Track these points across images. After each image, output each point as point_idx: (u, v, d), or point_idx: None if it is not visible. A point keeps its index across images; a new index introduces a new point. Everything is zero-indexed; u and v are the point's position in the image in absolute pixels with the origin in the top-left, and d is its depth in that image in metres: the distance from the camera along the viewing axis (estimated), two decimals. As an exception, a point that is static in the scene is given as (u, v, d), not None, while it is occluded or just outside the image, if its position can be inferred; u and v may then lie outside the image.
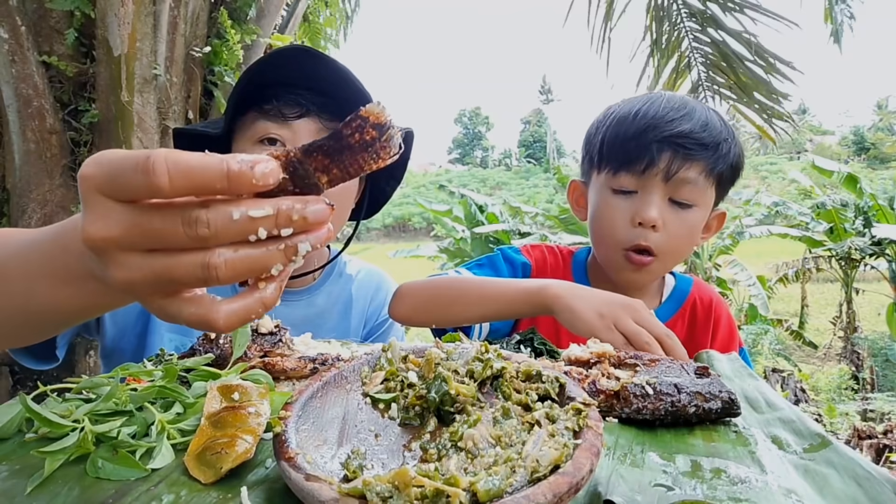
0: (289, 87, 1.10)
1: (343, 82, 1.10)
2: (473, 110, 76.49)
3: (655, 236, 1.13)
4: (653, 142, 1.11)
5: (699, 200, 1.16)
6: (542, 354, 0.85)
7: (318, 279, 1.34)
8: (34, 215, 2.37)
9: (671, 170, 1.12)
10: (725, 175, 1.18)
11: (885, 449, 5.52)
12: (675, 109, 1.15)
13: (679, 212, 1.15)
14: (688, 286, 1.33)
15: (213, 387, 0.61)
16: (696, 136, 1.12)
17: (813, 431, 0.64)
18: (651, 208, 1.12)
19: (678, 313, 1.29)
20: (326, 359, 0.77)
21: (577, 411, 0.52)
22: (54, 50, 2.34)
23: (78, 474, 0.52)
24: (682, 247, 1.19)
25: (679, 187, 1.13)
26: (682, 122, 1.13)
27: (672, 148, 1.11)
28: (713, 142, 1.13)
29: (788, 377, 8.23)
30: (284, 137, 1.10)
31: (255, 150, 1.10)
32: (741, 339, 1.34)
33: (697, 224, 1.19)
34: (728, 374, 0.84)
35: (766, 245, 12.68)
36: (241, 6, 2.65)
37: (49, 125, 2.34)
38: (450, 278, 1.18)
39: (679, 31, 3.69)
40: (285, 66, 1.10)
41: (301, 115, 1.10)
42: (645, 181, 1.13)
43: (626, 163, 1.14)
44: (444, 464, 0.47)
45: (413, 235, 38.48)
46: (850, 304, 11.85)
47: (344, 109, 1.13)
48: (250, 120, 1.12)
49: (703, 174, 1.14)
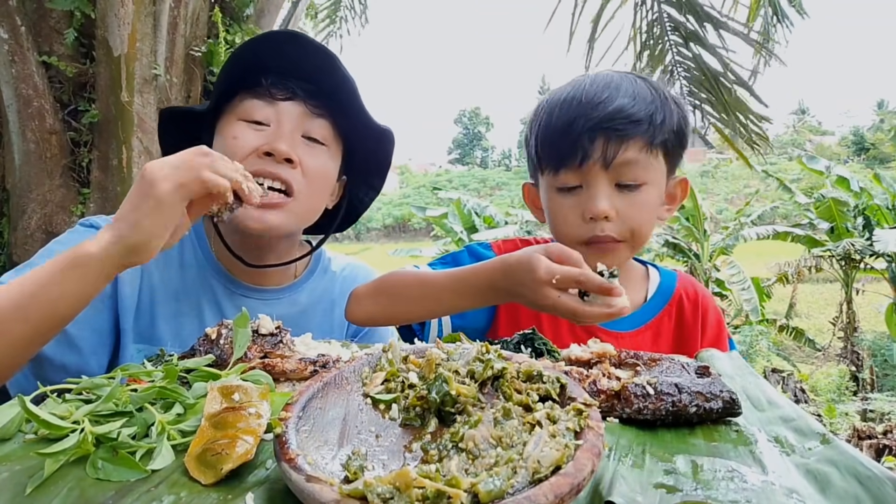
0: (278, 73, 1.12)
1: (333, 71, 1.11)
2: (473, 110, 76.53)
3: (611, 226, 1.09)
4: (583, 132, 1.06)
5: (647, 177, 1.10)
6: (542, 354, 0.85)
7: (301, 276, 1.30)
8: (34, 215, 2.37)
9: (608, 156, 1.06)
10: (671, 142, 1.12)
11: (885, 449, 5.52)
12: (599, 90, 1.09)
13: (629, 195, 1.09)
14: (672, 281, 1.29)
15: (214, 387, 0.61)
16: (626, 114, 1.05)
17: (814, 430, 0.64)
18: (598, 201, 1.07)
19: (665, 310, 1.25)
20: (327, 361, 0.77)
21: (578, 412, 0.52)
22: (54, 50, 2.34)
23: (78, 475, 0.52)
24: (643, 227, 1.13)
25: (622, 171, 1.07)
26: (608, 103, 1.06)
27: (604, 133, 1.05)
28: (646, 114, 1.07)
29: (788, 377, 8.23)
30: (269, 117, 1.11)
31: (238, 125, 1.11)
32: (728, 332, 1.32)
33: (652, 201, 1.13)
34: (729, 373, 0.83)
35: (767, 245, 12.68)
36: (239, 5, 2.65)
37: (49, 125, 2.34)
38: (400, 274, 1.12)
39: (663, 43, 3.67)
40: (276, 49, 1.11)
41: (288, 98, 1.11)
42: (585, 174, 1.08)
43: (562, 159, 1.09)
44: (445, 465, 0.47)
45: (413, 236, 38.46)
46: (850, 305, 11.85)
47: (331, 97, 1.13)
48: (238, 99, 1.13)
49: (643, 151, 1.07)
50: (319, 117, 1.14)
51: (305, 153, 1.12)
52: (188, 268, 1.19)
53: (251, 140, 1.09)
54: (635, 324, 1.23)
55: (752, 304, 10.89)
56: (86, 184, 2.43)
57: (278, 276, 1.25)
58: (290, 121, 1.11)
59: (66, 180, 2.41)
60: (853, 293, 11.82)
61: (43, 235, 2.38)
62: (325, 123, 1.15)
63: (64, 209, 2.40)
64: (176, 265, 1.18)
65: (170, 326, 1.15)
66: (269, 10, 2.82)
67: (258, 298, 1.22)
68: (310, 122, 1.13)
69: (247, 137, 1.10)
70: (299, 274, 1.31)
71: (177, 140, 1.20)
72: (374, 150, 1.26)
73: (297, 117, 1.12)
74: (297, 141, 1.12)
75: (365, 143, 1.23)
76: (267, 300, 1.23)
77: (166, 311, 1.15)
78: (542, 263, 0.83)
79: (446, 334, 1.15)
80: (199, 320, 1.17)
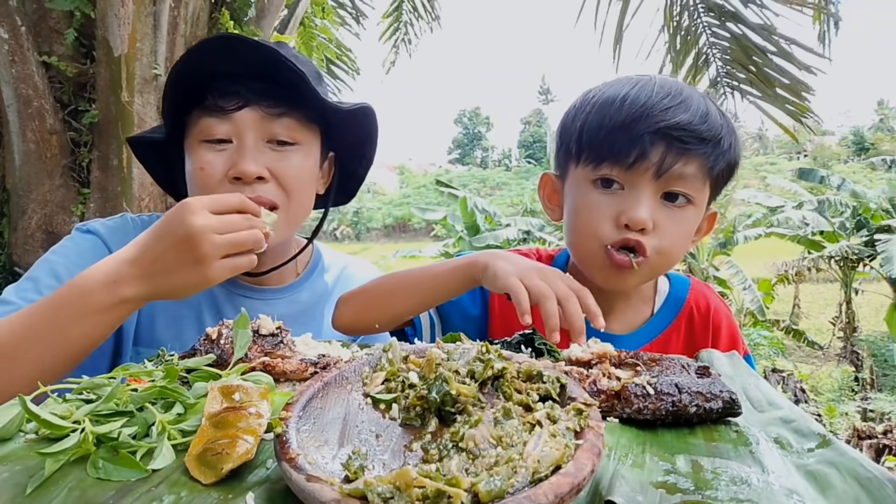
0: (224, 79, 1.06)
1: (274, 64, 1.05)
2: (473, 110, 76.48)
3: (645, 239, 0.99)
4: (644, 133, 0.97)
5: (695, 199, 1.02)
6: (542, 354, 0.85)
7: (302, 275, 1.30)
8: (34, 215, 2.37)
9: (664, 165, 0.97)
10: (723, 174, 1.05)
11: (885, 449, 5.52)
12: (670, 96, 0.99)
13: (672, 211, 1.01)
14: (684, 291, 1.19)
15: (214, 387, 0.61)
16: (694, 129, 0.97)
17: (814, 431, 0.64)
18: (640, 208, 0.98)
19: (673, 324, 1.16)
20: (328, 362, 0.77)
21: (579, 411, 0.52)
22: (54, 50, 2.34)
23: (78, 475, 0.52)
24: (675, 250, 1.04)
25: (673, 183, 0.99)
26: (679, 112, 0.98)
27: (666, 140, 0.97)
28: (713, 136, 0.99)
29: (788, 377, 8.23)
30: (229, 132, 1.06)
31: (202, 150, 1.07)
32: (746, 346, 1.20)
33: (692, 225, 1.05)
34: (729, 374, 0.83)
35: (765, 245, 12.69)
36: (240, 6, 2.65)
37: (49, 125, 2.34)
38: (384, 276, 1.14)
39: (697, 26, 3.65)
40: (216, 56, 1.06)
41: (241, 106, 1.06)
42: (633, 176, 0.99)
43: (612, 155, 0.99)
44: (445, 464, 0.47)
45: (413, 235, 38.45)
46: (850, 305, 11.86)
47: (288, 94, 1.08)
48: (194, 118, 1.08)
49: (700, 171, 1.00)
50: (280, 116, 1.08)
51: (275, 161, 1.08)
52: None
53: (218, 166, 1.06)
54: (641, 341, 1.14)
55: (756, 303, 10.89)
56: (86, 184, 2.43)
57: (279, 275, 1.24)
58: (250, 132, 1.06)
59: (66, 180, 2.41)
60: (852, 293, 11.82)
61: (43, 235, 2.38)
62: (289, 121, 1.09)
63: (64, 209, 2.40)
64: None
65: (170, 328, 1.15)
66: (270, 11, 2.82)
67: (259, 298, 1.22)
68: (271, 124, 1.08)
69: (213, 164, 1.06)
70: (300, 273, 1.30)
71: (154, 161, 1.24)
72: (353, 127, 1.21)
73: (256, 125, 1.07)
74: (262, 151, 1.07)
75: (344, 125, 1.19)
76: (268, 300, 1.23)
77: (166, 312, 1.15)
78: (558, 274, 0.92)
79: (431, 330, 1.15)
80: (199, 322, 1.17)
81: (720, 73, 3.68)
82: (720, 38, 3.61)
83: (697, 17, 3.61)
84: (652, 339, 1.14)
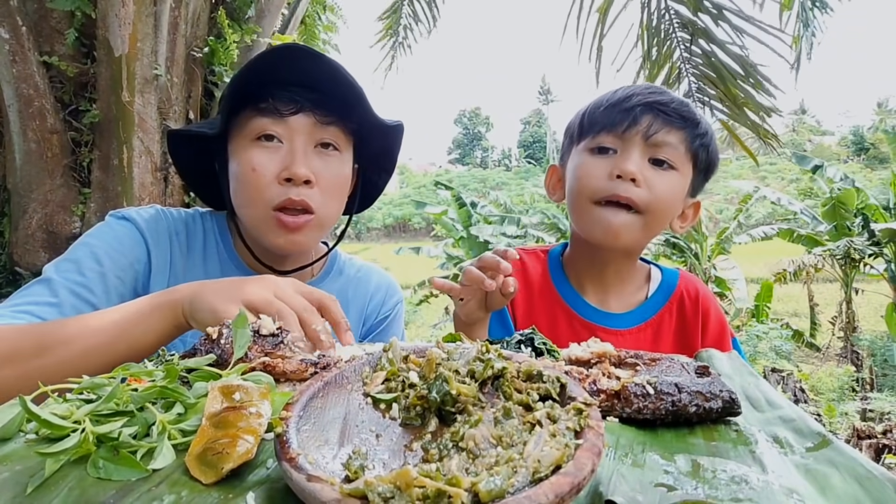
0: (283, 84, 1.12)
1: (336, 79, 1.12)
2: (473, 110, 76.48)
3: (636, 191, 1.15)
4: (636, 106, 1.17)
5: (679, 165, 1.18)
6: (542, 354, 0.85)
7: (317, 277, 1.33)
8: (35, 215, 2.37)
9: (651, 130, 1.16)
10: (702, 159, 1.21)
11: (885, 449, 5.52)
12: (658, 91, 1.21)
13: (659, 171, 1.17)
14: (674, 279, 1.33)
15: (215, 387, 0.61)
16: (675, 108, 1.17)
17: (814, 430, 0.64)
18: (630, 162, 1.14)
19: (666, 307, 1.29)
20: (328, 362, 0.77)
21: (579, 411, 0.52)
22: (55, 50, 2.34)
23: (79, 475, 0.52)
24: (663, 207, 1.19)
25: (659, 148, 1.16)
26: (664, 96, 1.19)
27: (653, 113, 1.16)
28: (692, 117, 1.18)
29: (788, 377, 8.23)
30: (281, 134, 1.12)
31: (252, 147, 1.12)
32: (732, 330, 1.34)
33: (677, 188, 1.20)
34: (728, 373, 0.83)
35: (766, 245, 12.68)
36: (240, 6, 2.65)
37: (50, 125, 2.34)
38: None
39: (671, 41, 3.69)
40: (280, 64, 1.12)
41: (296, 112, 1.12)
42: (625, 140, 1.17)
43: (608, 124, 1.19)
44: (445, 464, 0.47)
45: (413, 235, 38.47)
46: (850, 304, 11.85)
47: (339, 106, 1.15)
48: (245, 118, 1.13)
49: (682, 143, 1.17)
50: (329, 125, 1.15)
51: (320, 166, 1.14)
52: (210, 260, 1.22)
53: (270, 167, 1.10)
54: (636, 321, 1.26)
55: (743, 302, 10.94)
56: (87, 184, 2.43)
57: (295, 276, 1.27)
58: (301, 136, 1.12)
59: (66, 180, 2.41)
60: (853, 293, 11.82)
61: (44, 235, 2.38)
62: (335, 130, 1.16)
63: (65, 209, 2.40)
64: (199, 256, 1.22)
65: None
66: (270, 11, 2.82)
67: None
68: (320, 131, 1.14)
69: (265, 165, 1.11)
70: (315, 274, 1.34)
71: (187, 157, 1.25)
72: (381, 141, 1.28)
73: (308, 130, 1.13)
74: (310, 156, 1.13)
75: (376, 138, 1.26)
76: None
77: None
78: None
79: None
80: None
81: (692, 90, 3.72)
82: (693, 53, 3.66)
83: (672, 32, 3.64)
84: (647, 319, 1.28)
